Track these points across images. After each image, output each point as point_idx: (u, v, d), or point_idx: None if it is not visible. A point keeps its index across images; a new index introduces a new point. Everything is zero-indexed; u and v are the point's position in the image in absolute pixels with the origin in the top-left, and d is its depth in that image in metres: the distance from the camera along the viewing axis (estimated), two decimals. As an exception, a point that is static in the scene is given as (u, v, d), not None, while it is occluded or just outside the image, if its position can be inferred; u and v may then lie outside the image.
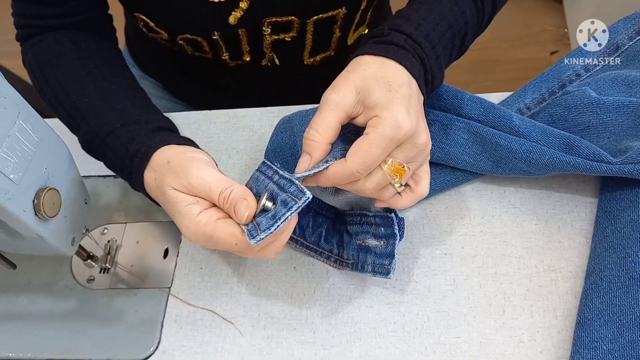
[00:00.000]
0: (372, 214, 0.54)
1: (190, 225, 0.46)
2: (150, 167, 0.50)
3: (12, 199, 0.42)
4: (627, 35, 0.63)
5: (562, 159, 0.53)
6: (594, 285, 0.51)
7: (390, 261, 0.52)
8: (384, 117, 0.43)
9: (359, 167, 0.44)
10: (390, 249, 0.53)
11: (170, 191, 0.47)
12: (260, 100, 0.76)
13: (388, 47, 0.47)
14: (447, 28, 0.51)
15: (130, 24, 0.85)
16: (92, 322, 0.57)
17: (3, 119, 0.42)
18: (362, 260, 0.54)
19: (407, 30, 0.49)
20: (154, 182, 0.49)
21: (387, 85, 0.45)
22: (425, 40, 0.49)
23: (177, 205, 0.46)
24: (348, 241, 0.56)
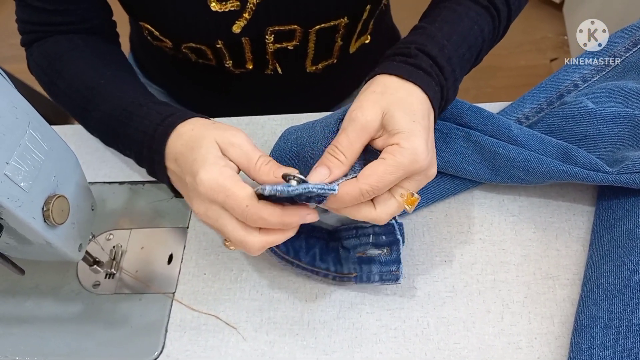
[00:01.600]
0: (370, 225, 0.54)
1: (211, 170, 0.45)
2: (188, 122, 0.50)
3: (22, 207, 0.43)
4: (624, 47, 0.64)
5: (560, 168, 0.54)
6: (591, 293, 0.52)
7: (398, 267, 0.53)
8: (405, 147, 0.44)
9: (369, 189, 0.44)
10: (395, 255, 0.54)
11: (206, 141, 0.47)
12: (264, 107, 0.77)
13: (416, 72, 0.48)
14: (467, 49, 0.52)
15: (135, 32, 0.86)
16: (97, 326, 0.58)
17: (14, 128, 0.43)
18: (366, 271, 0.55)
19: (431, 51, 0.49)
20: (190, 131, 0.49)
21: (412, 114, 0.45)
22: (447, 64, 0.50)
23: (207, 154, 0.46)
24: (346, 256, 0.56)
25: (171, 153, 0.50)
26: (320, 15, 0.65)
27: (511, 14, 0.57)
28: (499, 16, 0.55)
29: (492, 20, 0.55)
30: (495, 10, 0.55)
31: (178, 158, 0.49)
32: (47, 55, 0.62)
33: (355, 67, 0.83)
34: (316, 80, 0.78)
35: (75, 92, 0.59)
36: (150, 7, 0.63)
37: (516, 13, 0.60)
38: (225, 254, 0.60)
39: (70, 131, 0.72)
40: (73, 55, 0.60)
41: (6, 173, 0.41)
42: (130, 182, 0.67)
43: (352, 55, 0.77)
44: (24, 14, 0.63)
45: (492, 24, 0.55)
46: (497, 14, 0.55)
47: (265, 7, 0.62)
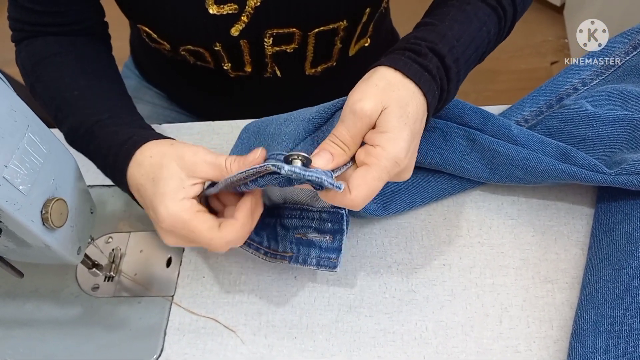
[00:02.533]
0: (318, 209, 0.54)
1: (170, 206, 0.46)
2: (145, 147, 0.51)
3: (21, 210, 0.43)
4: (623, 50, 0.64)
5: (558, 167, 0.54)
6: (590, 297, 0.52)
7: (338, 255, 0.53)
8: (388, 150, 0.44)
9: (362, 201, 0.45)
10: (337, 244, 0.53)
11: (165, 170, 0.48)
12: (263, 110, 0.77)
13: (422, 74, 0.47)
14: (474, 50, 0.52)
15: (136, 35, 0.86)
16: (97, 329, 0.58)
17: (13, 131, 0.43)
18: (303, 253, 0.55)
19: (441, 50, 0.49)
20: (149, 159, 0.49)
21: (405, 116, 0.45)
22: (454, 65, 0.49)
23: (166, 187, 0.47)
24: (284, 234, 0.56)
25: (132, 184, 0.51)
26: (319, 18, 0.65)
27: (516, 14, 0.57)
28: (505, 17, 0.55)
29: (499, 21, 0.55)
30: (502, 11, 0.54)
31: (139, 189, 0.50)
32: (31, 57, 0.62)
33: (354, 70, 0.82)
34: (315, 83, 0.78)
35: (49, 99, 0.59)
36: (148, 10, 0.63)
37: (521, 14, 0.59)
38: (224, 257, 0.61)
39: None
40: (55, 60, 0.61)
41: (5, 176, 0.41)
42: (129, 185, 0.67)
43: (352, 58, 0.77)
44: (15, 12, 0.63)
45: (498, 25, 0.55)
46: (503, 15, 0.55)
47: (263, 10, 0.62)
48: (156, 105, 0.90)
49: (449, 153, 0.59)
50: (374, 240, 0.60)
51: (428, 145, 0.59)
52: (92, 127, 0.55)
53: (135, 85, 0.91)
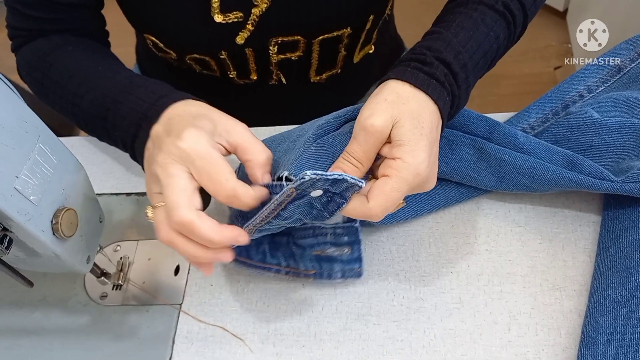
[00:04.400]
0: (331, 226, 0.54)
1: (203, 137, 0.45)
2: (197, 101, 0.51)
3: (31, 220, 0.43)
4: (629, 58, 0.65)
5: (565, 175, 0.54)
6: (598, 304, 0.52)
7: (360, 264, 0.55)
8: (408, 162, 0.44)
9: (380, 211, 0.45)
10: (357, 254, 0.54)
11: (216, 115, 0.48)
12: (269, 117, 0.77)
13: (430, 82, 0.48)
14: (482, 56, 0.52)
15: (141, 44, 0.87)
16: (105, 337, 0.58)
17: (24, 142, 0.43)
18: (327, 269, 0.56)
19: (447, 58, 0.49)
20: (198, 106, 0.49)
21: (420, 127, 0.45)
22: (461, 71, 0.49)
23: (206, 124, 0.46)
24: (301, 253, 0.56)
25: (169, 114, 0.49)
26: (323, 26, 0.65)
27: (527, 18, 0.57)
28: (515, 22, 0.55)
29: (508, 26, 0.55)
30: (511, 16, 0.55)
31: (174, 119, 0.48)
32: (37, 50, 0.62)
33: (359, 76, 0.83)
34: (321, 91, 0.78)
35: (68, 79, 0.58)
36: (154, 20, 0.63)
37: (532, 17, 0.59)
38: (231, 265, 0.61)
39: (78, 143, 0.73)
40: (66, 49, 0.61)
41: (16, 187, 0.41)
42: (137, 193, 0.68)
43: (356, 65, 0.77)
44: (15, 20, 0.63)
45: (507, 30, 0.55)
46: (512, 20, 0.55)
47: (268, 19, 0.62)
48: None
49: (455, 162, 0.59)
50: (382, 248, 0.60)
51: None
52: (126, 88, 0.53)
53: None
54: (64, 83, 0.58)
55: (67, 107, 0.59)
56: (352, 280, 0.58)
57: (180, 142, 0.44)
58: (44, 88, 0.61)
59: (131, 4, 0.63)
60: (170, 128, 0.47)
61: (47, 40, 0.62)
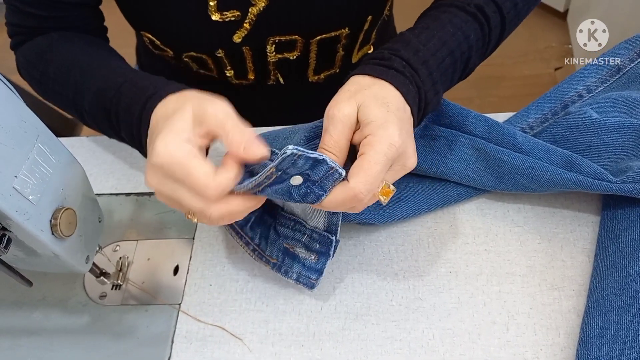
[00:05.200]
0: (310, 227, 0.54)
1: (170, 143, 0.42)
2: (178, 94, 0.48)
3: (30, 219, 0.43)
4: (628, 58, 0.65)
5: (564, 176, 0.54)
6: (596, 304, 0.52)
7: (318, 277, 0.55)
8: (380, 135, 0.44)
9: (364, 187, 0.44)
10: (320, 266, 0.55)
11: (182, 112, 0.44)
12: (267, 118, 0.77)
13: (388, 71, 0.49)
14: (448, 54, 0.52)
15: (140, 43, 0.87)
16: (104, 337, 0.58)
17: (23, 142, 0.43)
18: (286, 264, 0.56)
19: (405, 55, 0.50)
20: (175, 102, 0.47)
21: (385, 105, 0.46)
22: (422, 67, 0.50)
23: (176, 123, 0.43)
24: (274, 239, 0.57)
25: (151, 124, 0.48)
26: (321, 25, 0.66)
27: (505, 22, 0.57)
28: (489, 23, 0.56)
29: (481, 27, 0.55)
30: (484, 18, 0.55)
31: (153, 128, 0.47)
32: (36, 47, 0.62)
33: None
34: (319, 91, 0.78)
35: (67, 76, 0.57)
36: (150, 17, 0.63)
37: (514, 22, 0.59)
38: (231, 265, 0.61)
39: (78, 143, 0.73)
40: (63, 44, 0.61)
41: (15, 186, 0.42)
42: (136, 193, 0.68)
43: (355, 66, 0.77)
44: (15, 18, 0.63)
45: (480, 31, 0.55)
46: (486, 21, 0.55)
47: (265, 17, 0.63)
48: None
49: (454, 162, 0.59)
50: (380, 247, 0.60)
51: (433, 154, 0.59)
52: (122, 86, 0.52)
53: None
54: (63, 81, 0.58)
55: (69, 105, 0.59)
56: (351, 281, 0.58)
57: (153, 158, 0.43)
58: (43, 85, 0.61)
59: (128, 1, 0.63)
60: (151, 137, 0.47)
61: (45, 38, 0.62)
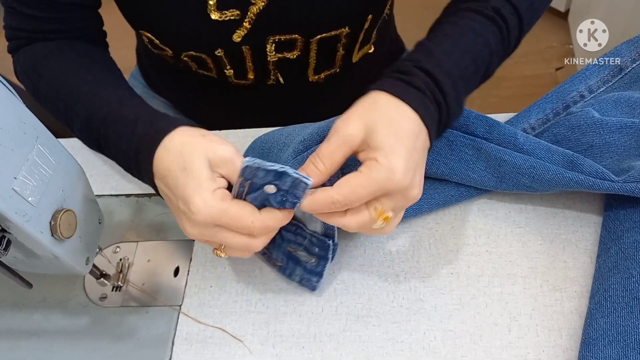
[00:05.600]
0: (309, 232, 0.54)
1: (208, 198, 0.44)
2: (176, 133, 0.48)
3: (30, 221, 0.43)
4: (630, 58, 0.64)
5: (566, 175, 0.54)
6: (599, 306, 0.51)
7: (318, 280, 0.55)
8: (382, 164, 0.44)
9: (341, 198, 0.44)
10: (320, 269, 0.55)
11: (198, 160, 0.45)
12: (268, 118, 0.77)
13: (408, 89, 0.47)
14: (471, 61, 0.51)
15: (141, 43, 0.87)
16: (104, 339, 0.58)
17: (23, 143, 0.43)
18: (290, 268, 0.57)
19: (427, 67, 0.49)
20: (180, 147, 0.46)
21: (395, 132, 0.45)
22: (446, 78, 0.49)
23: (198, 177, 0.45)
24: (279, 243, 0.57)
25: (159, 170, 0.48)
26: (321, 25, 0.65)
27: (522, 22, 0.56)
28: (507, 26, 0.54)
29: (500, 31, 0.54)
30: (502, 21, 0.54)
31: (166, 176, 0.47)
32: (31, 57, 0.62)
33: (358, 76, 0.83)
34: (319, 90, 0.78)
35: (56, 97, 0.57)
36: (149, 16, 0.63)
37: (530, 22, 0.58)
38: (231, 267, 0.61)
39: (77, 144, 0.72)
40: (56, 58, 0.60)
41: (14, 188, 0.41)
42: (136, 194, 0.68)
43: (355, 65, 0.77)
44: (13, 21, 0.63)
45: (499, 35, 0.54)
46: (504, 24, 0.54)
47: (265, 17, 0.62)
48: (162, 113, 0.90)
49: (454, 162, 0.59)
50: (382, 249, 0.60)
51: (434, 154, 0.59)
52: (106, 119, 0.52)
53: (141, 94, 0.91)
54: (52, 99, 0.58)
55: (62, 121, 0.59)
56: (352, 282, 0.58)
57: (194, 216, 0.44)
58: (36, 97, 0.61)
59: (128, 1, 0.63)
60: (170, 188, 0.47)
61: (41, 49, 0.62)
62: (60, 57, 0.60)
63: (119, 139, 0.51)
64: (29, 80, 0.61)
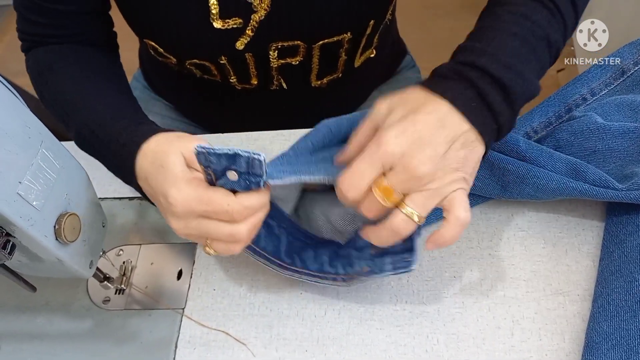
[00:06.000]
0: None
1: (182, 187, 0.46)
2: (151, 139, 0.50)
3: (34, 225, 0.43)
4: (632, 60, 0.64)
5: (569, 185, 0.54)
6: (602, 309, 0.51)
7: (411, 254, 0.50)
8: (377, 134, 0.45)
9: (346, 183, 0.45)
10: (409, 244, 0.50)
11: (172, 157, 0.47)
12: (271, 122, 0.77)
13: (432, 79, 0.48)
14: (511, 36, 0.48)
15: (143, 47, 0.87)
16: (108, 342, 0.58)
17: (27, 148, 0.43)
18: (379, 263, 0.52)
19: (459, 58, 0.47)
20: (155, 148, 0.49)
21: (407, 111, 0.45)
22: (480, 57, 0.46)
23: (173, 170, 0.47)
24: (358, 255, 0.55)
25: (140, 173, 0.51)
26: (323, 30, 0.65)
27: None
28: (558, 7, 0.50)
29: (542, 6, 0.50)
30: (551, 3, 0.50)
31: (147, 177, 0.49)
32: (36, 65, 0.63)
33: (360, 81, 0.83)
34: (322, 95, 0.78)
35: (57, 106, 0.59)
36: (153, 25, 0.63)
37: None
38: (234, 270, 0.61)
39: (81, 147, 0.73)
40: (58, 67, 0.61)
41: (19, 192, 0.41)
42: (139, 197, 0.68)
43: (358, 69, 0.77)
44: (22, 24, 0.64)
45: (544, 9, 0.50)
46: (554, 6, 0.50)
47: (267, 24, 0.63)
48: (165, 116, 0.90)
49: None
50: (384, 252, 0.60)
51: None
52: (96, 130, 0.55)
53: (143, 97, 0.91)
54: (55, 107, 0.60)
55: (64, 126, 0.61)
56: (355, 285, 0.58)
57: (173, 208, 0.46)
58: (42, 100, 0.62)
59: (131, 9, 0.63)
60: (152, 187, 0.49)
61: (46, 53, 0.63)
62: (65, 66, 0.61)
63: (105, 148, 0.54)
64: (36, 85, 0.63)
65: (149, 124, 0.55)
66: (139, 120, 0.56)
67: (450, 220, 0.45)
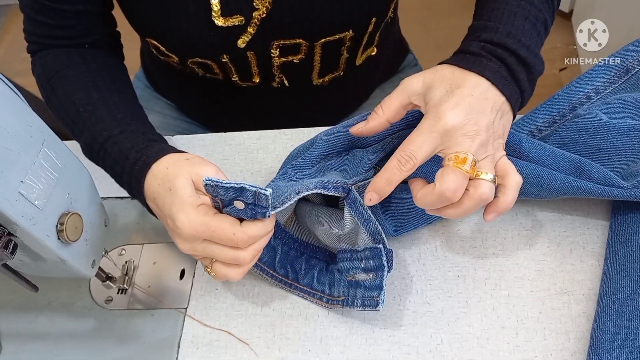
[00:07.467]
0: (362, 248, 0.54)
1: (189, 212, 0.47)
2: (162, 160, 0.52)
3: (36, 225, 0.43)
4: (636, 59, 0.64)
5: (574, 184, 0.54)
6: (607, 309, 0.51)
7: (379, 293, 0.52)
8: (430, 111, 0.47)
9: (403, 154, 0.47)
10: (378, 281, 0.53)
11: (181, 180, 0.49)
12: (272, 120, 0.77)
13: (464, 56, 0.50)
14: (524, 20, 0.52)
15: (145, 46, 0.87)
16: (110, 342, 0.58)
17: (29, 147, 0.43)
18: (352, 295, 0.55)
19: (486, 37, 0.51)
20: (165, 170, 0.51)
21: (449, 87, 0.48)
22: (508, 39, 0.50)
23: (181, 195, 0.48)
24: (339, 279, 0.56)
25: (149, 193, 0.52)
26: (325, 29, 0.65)
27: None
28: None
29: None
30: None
31: (156, 198, 0.51)
32: (45, 69, 0.63)
33: (362, 78, 0.83)
34: (324, 93, 0.78)
35: (65, 113, 0.60)
36: (155, 24, 0.63)
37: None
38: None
39: (83, 146, 0.73)
40: (67, 74, 0.61)
41: (21, 191, 0.41)
42: (142, 197, 0.67)
43: (359, 67, 0.77)
44: (29, 25, 0.64)
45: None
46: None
47: (269, 22, 0.62)
48: (166, 115, 0.90)
49: None
50: (388, 251, 0.59)
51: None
52: (105, 144, 0.56)
53: (145, 96, 0.91)
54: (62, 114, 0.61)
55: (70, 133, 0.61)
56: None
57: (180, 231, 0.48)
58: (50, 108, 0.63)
59: (133, 9, 0.63)
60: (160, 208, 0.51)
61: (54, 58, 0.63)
62: (72, 73, 0.61)
63: (114, 163, 0.55)
64: (43, 90, 0.63)
65: (158, 141, 0.57)
66: (148, 136, 0.57)
67: (510, 185, 0.48)
